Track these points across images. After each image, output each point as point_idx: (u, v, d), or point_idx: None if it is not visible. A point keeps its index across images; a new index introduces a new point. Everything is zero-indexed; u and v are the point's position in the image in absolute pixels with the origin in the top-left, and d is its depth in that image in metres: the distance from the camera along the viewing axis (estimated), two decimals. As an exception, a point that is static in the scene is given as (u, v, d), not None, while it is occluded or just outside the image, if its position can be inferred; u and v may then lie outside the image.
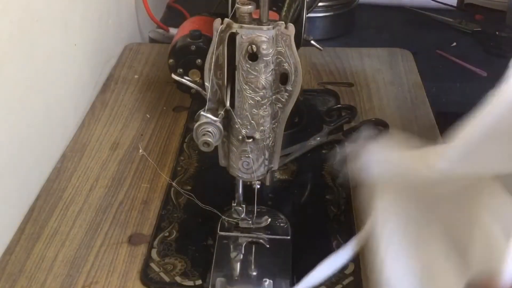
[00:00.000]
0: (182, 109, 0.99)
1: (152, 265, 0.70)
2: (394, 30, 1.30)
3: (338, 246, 0.70)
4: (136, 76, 1.08)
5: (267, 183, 0.70)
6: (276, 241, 0.72)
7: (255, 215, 0.72)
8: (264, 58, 0.59)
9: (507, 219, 0.55)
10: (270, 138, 0.64)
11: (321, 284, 0.67)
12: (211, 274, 0.68)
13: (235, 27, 0.59)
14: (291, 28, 0.59)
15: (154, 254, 0.72)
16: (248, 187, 0.69)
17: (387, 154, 0.64)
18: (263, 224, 0.72)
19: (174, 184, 0.81)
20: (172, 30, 1.26)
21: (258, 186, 0.69)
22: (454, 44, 1.23)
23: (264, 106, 0.61)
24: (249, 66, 0.59)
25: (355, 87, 1.04)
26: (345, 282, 0.68)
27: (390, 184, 0.65)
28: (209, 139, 0.61)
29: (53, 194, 0.81)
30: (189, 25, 0.87)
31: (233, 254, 0.69)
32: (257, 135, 0.63)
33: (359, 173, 0.65)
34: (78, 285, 0.68)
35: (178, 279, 0.68)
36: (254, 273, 0.68)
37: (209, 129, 0.61)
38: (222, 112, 0.62)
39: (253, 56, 0.59)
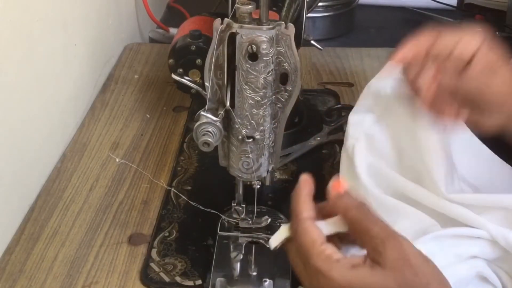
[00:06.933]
0: (182, 109, 0.99)
1: (152, 265, 0.70)
2: (394, 30, 1.30)
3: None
4: (136, 76, 1.08)
5: (267, 183, 0.70)
6: (276, 241, 0.72)
7: (255, 215, 0.72)
8: (264, 58, 0.59)
9: None
10: (270, 138, 0.64)
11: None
12: (211, 274, 0.68)
13: (235, 27, 0.58)
14: (291, 28, 0.59)
15: (154, 254, 0.72)
16: (248, 187, 0.69)
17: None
18: (263, 224, 0.72)
19: (173, 189, 0.81)
20: (172, 30, 1.26)
21: (258, 186, 0.69)
22: (454, 44, 1.23)
23: (264, 106, 0.61)
24: (249, 66, 0.59)
25: (355, 87, 1.04)
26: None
27: None
28: (209, 139, 0.61)
29: (53, 194, 0.81)
30: (189, 25, 0.87)
31: (233, 254, 0.69)
32: (257, 135, 0.63)
33: None
34: (78, 285, 0.68)
35: (178, 279, 0.68)
36: (254, 273, 0.68)
37: (209, 129, 0.61)
38: (222, 112, 0.62)
39: (253, 56, 0.59)
